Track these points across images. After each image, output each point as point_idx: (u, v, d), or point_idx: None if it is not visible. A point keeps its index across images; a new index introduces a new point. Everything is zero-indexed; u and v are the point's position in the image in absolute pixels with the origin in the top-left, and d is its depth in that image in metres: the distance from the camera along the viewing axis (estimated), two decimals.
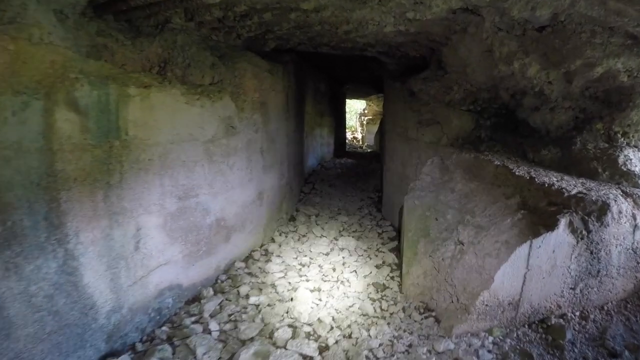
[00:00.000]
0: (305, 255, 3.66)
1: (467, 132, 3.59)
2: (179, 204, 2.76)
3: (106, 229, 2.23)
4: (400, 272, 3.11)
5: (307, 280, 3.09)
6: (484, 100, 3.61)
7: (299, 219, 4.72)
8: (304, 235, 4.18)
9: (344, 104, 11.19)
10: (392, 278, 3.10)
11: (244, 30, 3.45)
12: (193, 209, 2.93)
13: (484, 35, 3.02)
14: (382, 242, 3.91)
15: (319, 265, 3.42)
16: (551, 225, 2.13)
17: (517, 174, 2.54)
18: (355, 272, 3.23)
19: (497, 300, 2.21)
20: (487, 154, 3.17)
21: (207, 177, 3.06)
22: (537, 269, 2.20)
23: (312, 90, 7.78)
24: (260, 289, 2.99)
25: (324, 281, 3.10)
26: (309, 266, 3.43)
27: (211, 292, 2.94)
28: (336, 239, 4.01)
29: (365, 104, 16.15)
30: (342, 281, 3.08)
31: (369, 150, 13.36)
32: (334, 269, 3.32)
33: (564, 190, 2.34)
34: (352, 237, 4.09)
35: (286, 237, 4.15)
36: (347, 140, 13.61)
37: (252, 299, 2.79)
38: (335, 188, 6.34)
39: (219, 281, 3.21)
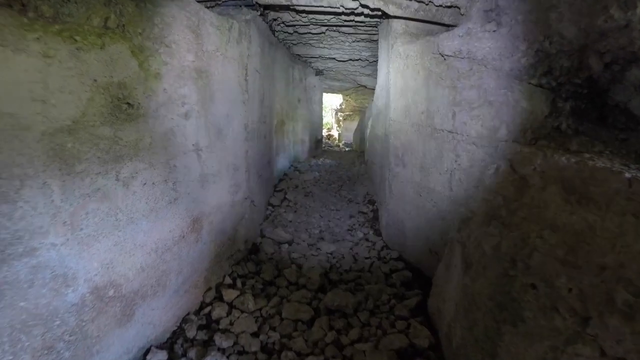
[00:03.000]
0: (274, 328, 2.14)
1: (539, 120, 2.22)
2: None
3: None
4: None
5: None
6: (562, 71, 2.24)
7: (264, 249, 3.19)
8: (270, 283, 2.66)
9: (320, 95, 9.73)
10: None
11: None
12: (23, 282, 1.34)
13: None
14: (395, 293, 2.46)
15: (297, 353, 1.91)
16: None
17: None
18: None
19: None
20: (587, 156, 1.80)
21: (61, 208, 1.47)
22: None
23: (283, 76, 6.25)
24: None
25: None
26: (279, 354, 1.92)
27: None
28: (322, 290, 2.51)
29: (342, 99, 14.77)
30: None
31: (347, 149, 12.01)
32: None
33: None
34: (346, 284, 2.61)
35: (243, 286, 2.61)
36: (323, 138, 12.16)
37: None
38: (313, 198, 4.85)
39: None
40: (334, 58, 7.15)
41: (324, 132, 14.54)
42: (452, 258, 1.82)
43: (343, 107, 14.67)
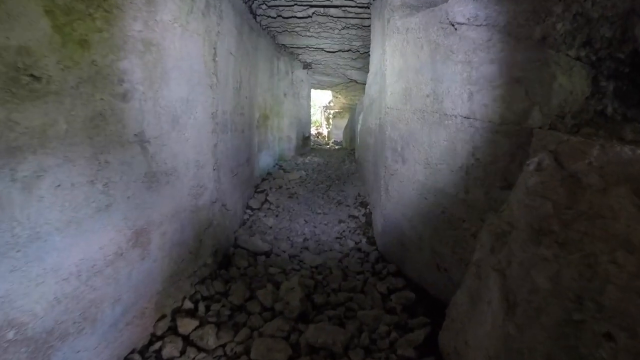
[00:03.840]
0: None
1: (579, 102, 1.76)
2: None
3: None
4: None
5: None
6: (603, 42, 1.79)
7: (236, 262, 2.67)
8: (240, 308, 2.14)
9: (308, 89, 9.23)
10: None
11: None
12: None
13: None
14: (396, 322, 1.97)
15: None
16: None
17: None
18: None
19: None
20: None
21: None
22: None
23: (267, 67, 5.73)
24: None
25: None
26: None
27: None
28: (304, 319, 2.01)
29: (331, 96, 14.28)
30: None
31: (336, 147, 11.54)
32: None
33: None
34: (335, 308, 2.11)
35: (206, 312, 2.09)
36: (311, 136, 11.66)
37: None
38: (298, 200, 4.35)
39: None
40: (322, 49, 6.66)
41: (313, 130, 14.05)
42: (481, 288, 1.34)
43: (332, 104, 14.20)
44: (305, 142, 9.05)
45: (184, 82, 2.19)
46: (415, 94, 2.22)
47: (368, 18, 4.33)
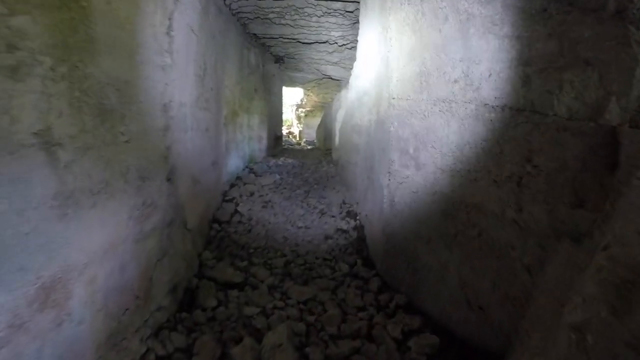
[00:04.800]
0: None
1: None
2: None
3: None
4: None
5: None
6: None
7: (202, 300, 2.05)
8: None
9: (280, 85, 8.61)
10: None
11: None
12: None
13: None
14: None
15: None
16: None
17: None
18: None
19: None
20: None
21: None
22: None
23: (237, 57, 5.08)
24: None
25: None
26: None
27: None
28: None
29: (302, 94, 13.70)
30: None
31: (309, 147, 11.00)
32: None
33: None
34: None
35: None
36: (282, 135, 11.03)
37: None
38: (274, 210, 3.75)
39: None
40: (297, 40, 6.07)
41: (284, 130, 13.41)
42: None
43: (304, 102, 13.64)
44: (277, 142, 8.44)
45: (123, 58, 1.54)
46: (436, 79, 1.73)
47: (353, 1, 3.82)
